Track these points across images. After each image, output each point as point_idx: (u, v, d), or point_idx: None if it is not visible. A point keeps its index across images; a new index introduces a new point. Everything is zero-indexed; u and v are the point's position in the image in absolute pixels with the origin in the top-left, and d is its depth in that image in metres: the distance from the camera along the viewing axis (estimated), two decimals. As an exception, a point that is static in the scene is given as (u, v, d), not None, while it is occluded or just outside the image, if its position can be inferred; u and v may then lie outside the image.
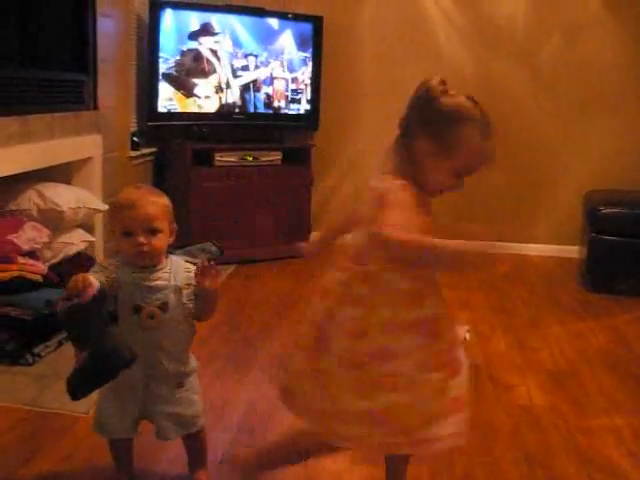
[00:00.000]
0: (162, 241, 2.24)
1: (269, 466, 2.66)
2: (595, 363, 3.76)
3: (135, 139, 5.09)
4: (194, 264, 2.35)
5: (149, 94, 5.11)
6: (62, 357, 3.46)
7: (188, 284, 2.31)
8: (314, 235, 2.46)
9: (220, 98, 5.37)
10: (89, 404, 2.98)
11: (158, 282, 2.24)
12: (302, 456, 2.72)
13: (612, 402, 3.32)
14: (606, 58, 5.71)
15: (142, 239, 2.18)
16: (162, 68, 5.09)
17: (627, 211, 5.01)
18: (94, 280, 2.07)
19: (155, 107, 5.11)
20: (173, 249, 4.76)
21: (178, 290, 2.28)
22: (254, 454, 2.74)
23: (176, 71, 5.17)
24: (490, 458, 2.81)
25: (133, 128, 5.15)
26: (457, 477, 2.67)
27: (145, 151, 5.25)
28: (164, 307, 2.24)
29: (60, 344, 3.56)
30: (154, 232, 2.21)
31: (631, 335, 4.19)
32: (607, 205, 5.05)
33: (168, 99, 5.15)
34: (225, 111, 5.43)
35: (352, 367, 2.10)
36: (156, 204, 2.25)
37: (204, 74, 5.27)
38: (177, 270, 2.31)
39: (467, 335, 3.98)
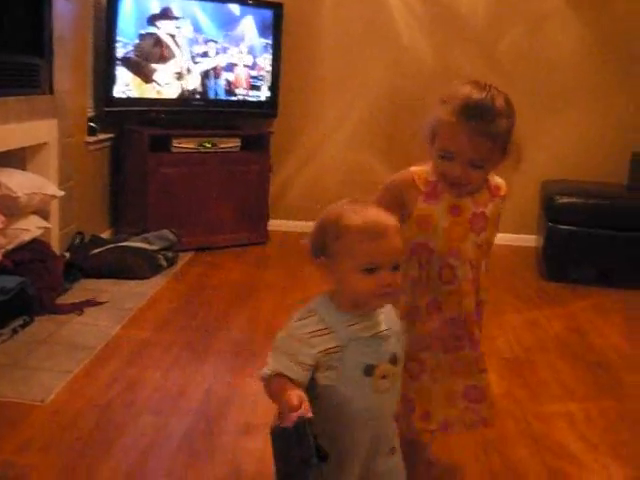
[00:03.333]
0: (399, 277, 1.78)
1: None
2: (550, 350, 3.81)
3: (92, 124, 5.03)
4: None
5: (106, 79, 5.05)
6: (17, 345, 3.42)
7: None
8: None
9: (181, 84, 5.33)
10: (45, 392, 2.97)
11: (382, 331, 1.80)
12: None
13: (566, 388, 3.37)
14: (564, 51, 5.76)
15: (390, 277, 1.72)
16: (120, 52, 5.02)
17: (583, 201, 5.06)
18: (305, 401, 1.62)
19: (112, 92, 5.06)
20: (129, 236, 4.75)
21: (399, 336, 1.86)
22: None
23: (135, 55, 5.11)
24: (446, 446, 2.82)
25: (90, 113, 5.08)
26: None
27: (102, 137, 5.19)
28: (394, 360, 1.81)
29: (15, 332, 3.52)
30: (397, 267, 1.74)
31: (585, 323, 4.24)
32: (563, 195, 5.10)
33: (126, 85, 5.10)
34: (185, 97, 5.39)
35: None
36: (396, 229, 1.76)
37: (163, 59, 5.22)
38: (389, 311, 1.86)
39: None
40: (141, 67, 5.17)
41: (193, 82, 5.38)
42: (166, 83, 5.27)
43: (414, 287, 2.19)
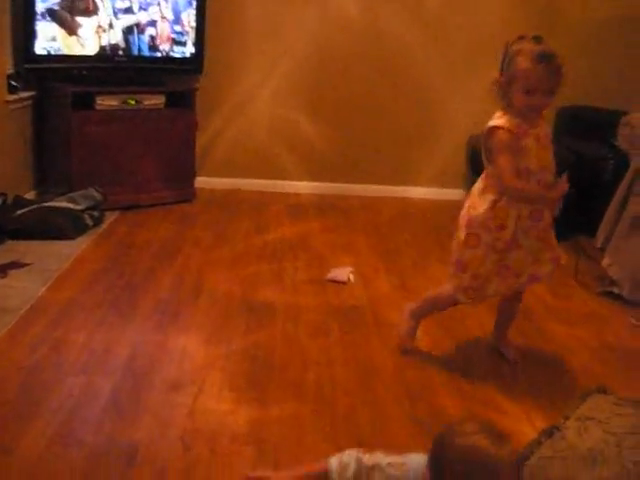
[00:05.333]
0: None
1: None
2: (476, 302, 3.88)
3: (12, 82, 4.91)
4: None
5: (26, 34, 4.91)
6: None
7: None
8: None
9: (102, 39, 5.22)
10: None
11: None
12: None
13: (490, 338, 3.44)
14: (493, 7, 5.79)
15: None
16: (41, 6, 4.87)
17: (507, 154, 5.11)
18: None
19: (33, 48, 4.93)
20: (53, 196, 4.68)
21: None
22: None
23: (61, 8, 4.98)
24: (372, 396, 2.88)
25: (9, 71, 4.96)
26: (340, 416, 2.73)
27: (24, 95, 5.08)
28: None
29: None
30: None
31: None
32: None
33: (51, 39, 4.96)
34: (107, 53, 5.28)
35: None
36: None
37: (87, 13, 5.10)
38: None
39: (351, 277, 4.07)
40: (67, 20, 5.04)
41: (116, 38, 5.28)
42: (88, 39, 5.14)
43: (519, 201, 2.92)
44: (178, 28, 5.51)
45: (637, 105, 4.96)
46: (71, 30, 5.06)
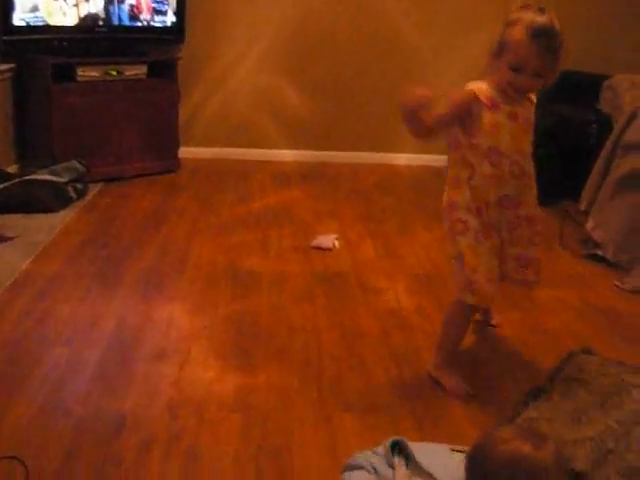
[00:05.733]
0: None
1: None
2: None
3: (-9, 55, 4.87)
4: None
5: (3, 6, 4.86)
6: None
7: None
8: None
9: (82, 10, 5.16)
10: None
11: None
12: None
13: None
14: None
15: None
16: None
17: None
18: None
19: (11, 20, 4.88)
20: (36, 169, 4.65)
21: None
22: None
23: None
24: (358, 361, 2.89)
25: (-12, 43, 4.91)
26: (326, 381, 2.74)
27: (3, 67, 5.03)
28: None
29: None
30: None
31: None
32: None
33: (30, 10, 4.89)
34: (87, 24, 5.23)
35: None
36: None
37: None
38: None
39: (335, 243, 4.07)
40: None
41: (96, 7, 5.22)
42: (71, 6, 5.08)
43: (488, 184, 2.62)
44: (159, -4, 5.46)
45: (619, 69, 4.97)
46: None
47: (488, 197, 2.64)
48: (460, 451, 2.03)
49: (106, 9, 5.26)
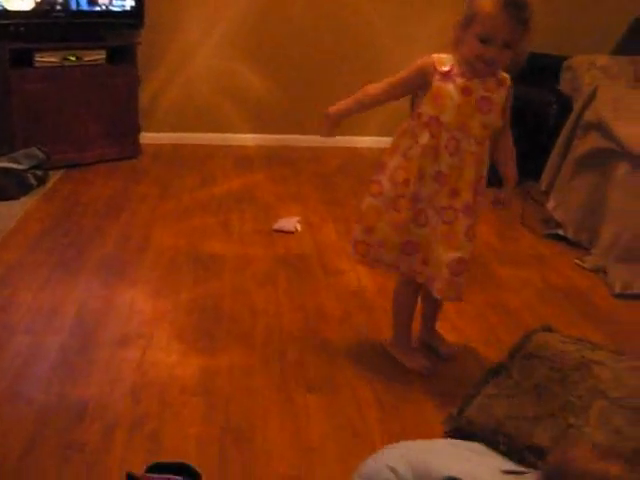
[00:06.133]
0: None
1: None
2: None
3: (-54, 42, 4.80)
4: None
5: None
6: None
7: None
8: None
9: (38, -5, 5.10)
10: None
11: None
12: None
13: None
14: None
15: None
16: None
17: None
18: None
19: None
20: (-5, 156, 4.58)
21: None
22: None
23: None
24: (321, 342, 2.91)
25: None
26: (289, 364, 2.76)
27: (-41, 54, 4.97)
28: None
29: None
30: None
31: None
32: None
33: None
34: (45, 8, 5.17)
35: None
36: None
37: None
38: None
39: (298, 226, 4.07)
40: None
41: (52, -8, 5.16)
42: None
43: (424, 154, 2.53)
44: (116, -20, 5.40)
45: (579, 50, 5.00)
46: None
47: (424, 169, 2.54)
48: (513, 472, 1.95)
49: (64, -6, 5.20)
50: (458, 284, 2.61)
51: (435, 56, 2.54)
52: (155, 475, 1.85)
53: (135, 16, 5.48)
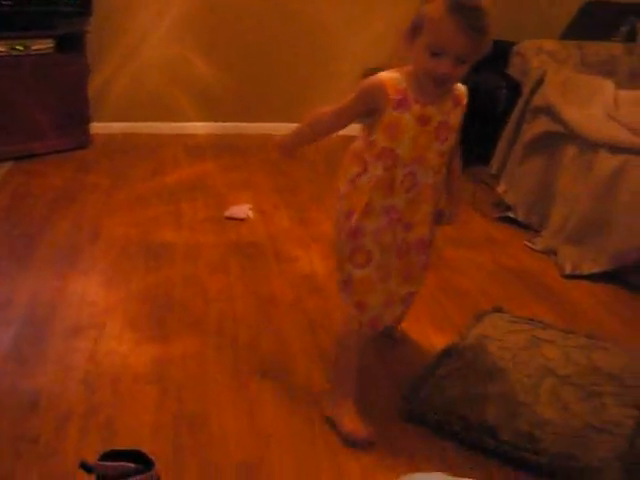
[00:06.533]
0: None
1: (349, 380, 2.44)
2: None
3: None
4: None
5: None
6: None
7: None
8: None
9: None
10: None
11: None
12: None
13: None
14: None
15: None
16: None
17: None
18: None
19: None
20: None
21: None
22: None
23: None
24: (274, 328, 2.92)
25: None
26: (242, 350, 2.76)
27: None
28: None
29: None
30: None
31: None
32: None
33: None
34: (-11, -2, 5.10)
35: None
36: None
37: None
38: None
39: (249, 213, 4.07)
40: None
41: (-3, -19, 5.09)
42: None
43: (377, 187, 2.24)
44: (64, -32, 5.34)
45: (527, 35, 5.04)
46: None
47: (373, 203, 2.26)
48: None
49: (9, -18, 5.13)
50: (405, 312, 2.68)
51: (385, 78, 2.16)
52: (108, 463, 1.84)
53: (84, 4, 5.41)
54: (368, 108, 2.20)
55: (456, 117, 2.27)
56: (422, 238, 2.39)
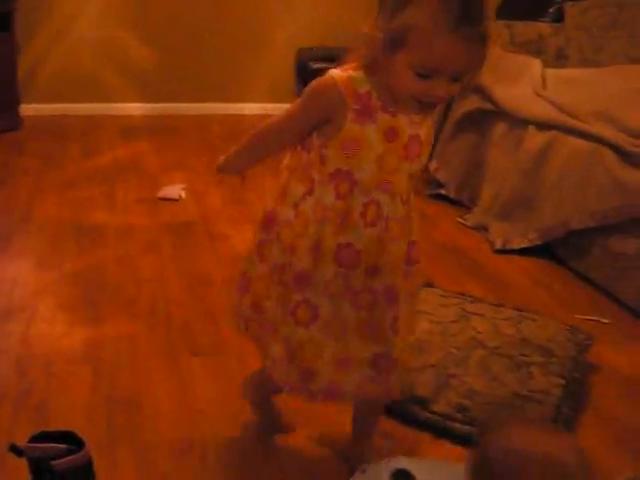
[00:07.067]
0: None
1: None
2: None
3: None
4: None
5: None
6: None
7: None
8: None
9: None
10: None
11: None
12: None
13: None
14: None
15: None
16: None
17: (336, 66, 5.17)
18: None
19: None
20: None
21: None
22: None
23: None
24: (206, 307, 2.93)
25: None
26: (175, 330, 2.77)
27: None
28: None
29: None
30: None
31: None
32: (316, 60, 5.23)
33: None
34: None
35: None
36: None
37: None
38: None
39: (182, 194, 4.07)
40: None
41: None
42: None
43: (325, 220, 1.72)
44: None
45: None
46: None
47: (322, 241, 1.72)
48: None
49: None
50: (386, 380, 1.87)
51: (340, 78, 1.65)
52: (38, 444, 1.84)
53: (11, -19, 5.33)
54: (319, 118, 1.69)
55: (428, 128, 1.75)
56: (392, 285, 1.78)
